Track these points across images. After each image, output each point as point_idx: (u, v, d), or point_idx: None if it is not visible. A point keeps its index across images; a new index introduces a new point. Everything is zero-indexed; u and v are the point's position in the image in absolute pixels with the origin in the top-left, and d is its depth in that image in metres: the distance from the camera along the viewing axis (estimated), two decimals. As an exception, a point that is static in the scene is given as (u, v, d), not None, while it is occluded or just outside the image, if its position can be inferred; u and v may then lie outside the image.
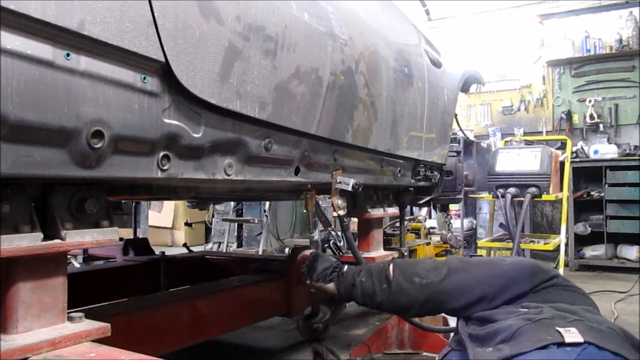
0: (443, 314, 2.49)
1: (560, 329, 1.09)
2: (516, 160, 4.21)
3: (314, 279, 1.61)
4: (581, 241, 5.68)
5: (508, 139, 5.37)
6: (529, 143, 4.70)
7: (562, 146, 5.60)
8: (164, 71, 0.99)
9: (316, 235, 1.89)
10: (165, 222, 7.59)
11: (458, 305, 1.38)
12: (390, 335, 2.49)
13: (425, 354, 2.47)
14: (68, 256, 1.65)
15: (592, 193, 5.69)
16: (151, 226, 6.90)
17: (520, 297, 1.30)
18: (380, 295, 1.48)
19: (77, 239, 0.96)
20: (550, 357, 1.05)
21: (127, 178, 0.99)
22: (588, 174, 5.76)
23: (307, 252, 1.69)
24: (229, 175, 1.23)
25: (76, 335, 0.95)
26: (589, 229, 5.58)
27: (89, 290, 1.94)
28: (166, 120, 1.02)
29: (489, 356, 1.13)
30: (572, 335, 1.07)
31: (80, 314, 1.01)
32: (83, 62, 0.85)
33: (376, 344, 2.33)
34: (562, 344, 1.06)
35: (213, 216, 6.54)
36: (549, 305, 1.23)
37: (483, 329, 1.23)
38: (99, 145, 0.88)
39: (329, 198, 1.77)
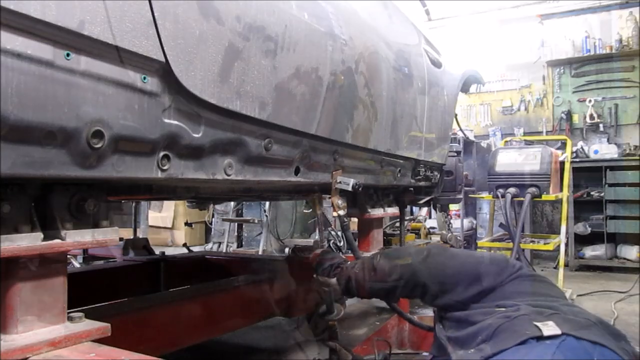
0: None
1: (538, 324, 1.12)
2: (516, 160, 4.20)
3: (319, 274, 1.67)
4: (581, 241, 5.67)
5: (508, 139, 5.36)
6: (529, 143, 4.70)
7: (562, 146, 5.59)
8: (164, 71, 0.99)
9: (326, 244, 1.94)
10: (165, 222, 7.58)
11: (436, 288, 1.43)
12: (390, 335, 2.49)
13: (425, 354, 2.47)
14: (68, 256, 1.65)
15: (592, 193, 5.68)
16: (151, 226, 6.89)
17: (495, 288, 1.36)
18: (368, 282, 1.54)
19: (77, 239, 0.96)
20: (531, 351, 1.07)
21: (127, 178, 0.99)
22: (588, 174, 5.75)
23: (319, 251, 1.74)
24: (229, 175, 1.23)
25: (76, 335, 0.95)
26: (589, 229, 5.57)
27: (89, 290, 1.94)
28: (166, 120, 1.02)
29: (471, 357, 1.14)
30: (549, 328, 1.10)
31: (80, 314, 1.01)
32: (83, 62, 0.85)
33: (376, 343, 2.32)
34: (541, 338, 1.09)
35: (213, 216, 6.53)
36: (530, 300, 1.26)
37: (463, 331, 1.25)
38: (99, 145, 0.88)
39: (329, 198, 1.78)
